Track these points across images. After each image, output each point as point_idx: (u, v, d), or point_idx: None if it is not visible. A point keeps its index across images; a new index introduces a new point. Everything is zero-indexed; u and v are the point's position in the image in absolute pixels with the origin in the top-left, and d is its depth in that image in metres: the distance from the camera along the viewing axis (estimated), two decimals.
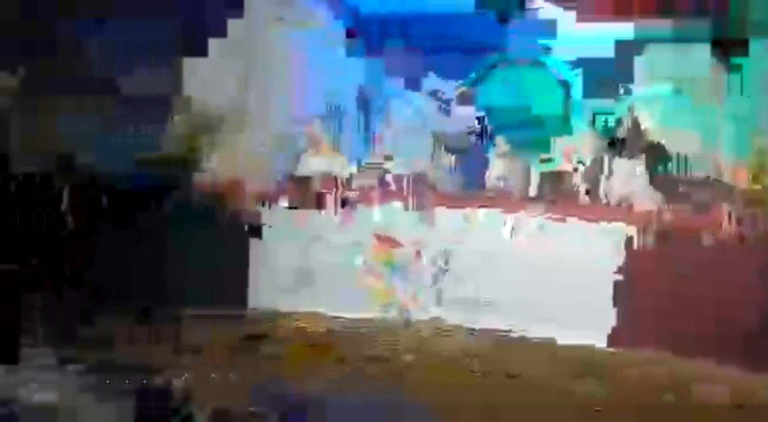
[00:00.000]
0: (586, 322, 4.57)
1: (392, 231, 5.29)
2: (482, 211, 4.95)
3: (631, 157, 5.20)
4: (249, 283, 5.39)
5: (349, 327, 4.99)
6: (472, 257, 4.92)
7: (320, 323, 5.07)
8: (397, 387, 3.86)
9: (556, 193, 5.19)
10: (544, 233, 4.72)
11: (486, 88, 8.06)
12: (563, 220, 4.70)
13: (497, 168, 5.31)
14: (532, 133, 7.62)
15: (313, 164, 6.42)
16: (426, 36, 8.15)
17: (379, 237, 5.25)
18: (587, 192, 5.18)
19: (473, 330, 4.84)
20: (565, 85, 8.01)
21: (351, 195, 5.73)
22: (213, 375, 3.93)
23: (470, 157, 5.42)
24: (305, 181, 6.25)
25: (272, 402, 3.42)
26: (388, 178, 6.19)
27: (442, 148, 5.65)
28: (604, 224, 4.60)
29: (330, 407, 3.47)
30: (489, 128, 5.73)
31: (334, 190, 6.19)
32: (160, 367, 3.97)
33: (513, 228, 4.83)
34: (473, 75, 8.07)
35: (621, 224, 4.56)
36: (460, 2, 7.37)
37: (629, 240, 4.56)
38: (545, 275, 4.67)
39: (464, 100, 6.03)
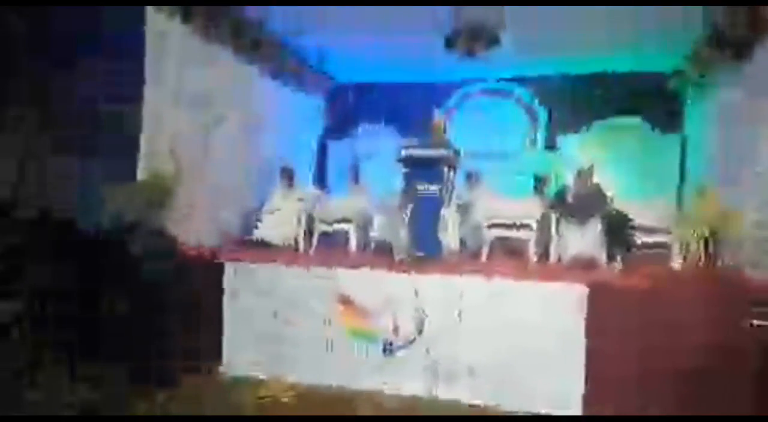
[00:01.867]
0: (551, 390, 4.44)
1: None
2: (438, 277, 4.82)
3: (586, 216, 5.15)
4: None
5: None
6: (431, 324, 4.78)
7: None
8: None
9: (509, 255, 5.11)
10: (500, 297, 4.58)
11: (459, 117, 8.18)
12: (517, 283, 4.57)
13: (451, 228, 5.19)
14: (501, 158, 7.73)
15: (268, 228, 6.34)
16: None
17: (344, 302, 5.05)
18: (539, 253, 5.12)
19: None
20: (532, 114, 8.19)
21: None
22: None
23: (425, 217, 5.30)
24: (263, 243, 6.14)
25: None
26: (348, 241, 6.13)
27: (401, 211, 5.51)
28: (558, 285, 4.49)
29: None
30: (458, 158, 5.61)
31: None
32: None
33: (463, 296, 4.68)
34: (447, 105, 8.22)
35: (576, 285, 4.45)
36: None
37: (587, 300, 4.43)
38: (504, 340, 4.55)
39: (437, 130, 5.91)
